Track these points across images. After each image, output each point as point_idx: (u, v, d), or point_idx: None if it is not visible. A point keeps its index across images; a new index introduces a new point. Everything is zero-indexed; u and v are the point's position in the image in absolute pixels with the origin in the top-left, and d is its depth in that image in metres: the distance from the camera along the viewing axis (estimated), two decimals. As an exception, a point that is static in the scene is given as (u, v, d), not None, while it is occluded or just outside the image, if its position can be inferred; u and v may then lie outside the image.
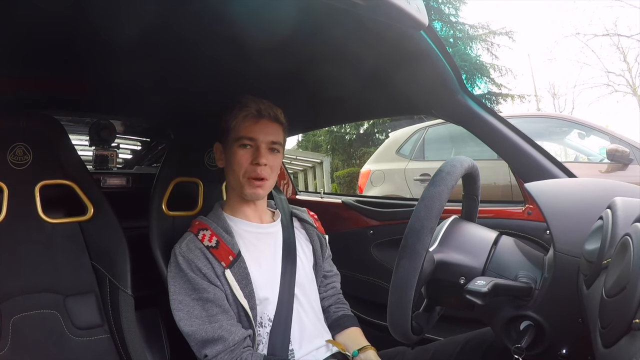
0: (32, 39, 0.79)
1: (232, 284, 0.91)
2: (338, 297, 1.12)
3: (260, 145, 0.96)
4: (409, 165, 4.01)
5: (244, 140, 0.96)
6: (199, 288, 0.90)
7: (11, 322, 0.93)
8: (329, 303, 1.10)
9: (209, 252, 0.93)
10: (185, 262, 0.92)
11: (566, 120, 3.82)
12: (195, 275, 0.90)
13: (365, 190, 4.24)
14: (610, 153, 2.99)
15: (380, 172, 4.21)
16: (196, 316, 0.88)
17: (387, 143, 4.55)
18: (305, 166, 9.25)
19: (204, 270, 0.91)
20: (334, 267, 1.16)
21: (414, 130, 4.19)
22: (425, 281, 0.70)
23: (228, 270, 0.91)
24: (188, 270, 0.91)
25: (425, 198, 0.64)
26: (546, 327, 0.64)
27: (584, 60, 15.71)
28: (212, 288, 0.90)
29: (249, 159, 0.96)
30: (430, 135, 4.07)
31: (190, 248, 0.93)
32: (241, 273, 0.93)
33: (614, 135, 3.26)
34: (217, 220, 0.99)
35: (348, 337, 1.03)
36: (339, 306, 1.10)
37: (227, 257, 0.93)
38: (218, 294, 0.90)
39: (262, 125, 0.97)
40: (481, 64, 10.29)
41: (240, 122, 0.97)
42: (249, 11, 0.71)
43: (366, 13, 0.67)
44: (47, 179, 1.03)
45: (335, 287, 1.13)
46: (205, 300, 0.89)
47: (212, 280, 0.91)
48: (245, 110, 0.97)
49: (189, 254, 0.92)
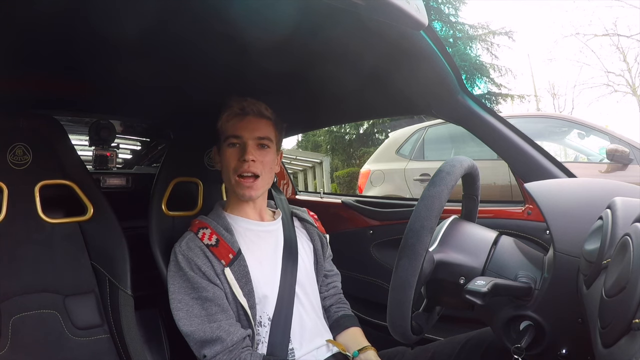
0: (32, 39, 0.79)
1: (231, 283, 0.91)
2: (339, 297, 1.13)
3: (246, 142, 0.97)
4: (409, 165, 4.02)
5: (231, 139, 0.97)
6: (198, 287, 0.90)
7: (11, 322, 0.93)
8: (330, 303, 1.10)
9: (209, 250, 0.93)
10: (185, 260, 0.92)
11: (566, 120, 3.83)
12: (194, 274, 0.90)
13: (365, 190, 4.24)
14: (609, 153, 2.99)
15: (380, 172, 4.22)
16: (195, 315, 0.88)
17: (387, 143, 4.56)
18: (305, 166, 9.25)
19: (204, 269, 0.90)
20: (334, 266, 1.16)
21: (414, 130, 4.20)
22: (425, 281, 0.70)
23: (227, 268, 0.91)
24: (187, 269, 0.91)
25: (425, 198, 0.64)
26: (546, 327, 0.64)
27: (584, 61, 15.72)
28: (211, 287, 0.90)
29: (236, 157, 0.96)
30: (430, 135, 4.08)
31: (190, 247, 0.93)
32: (241, 271, 0.92)
33: (614, 135, 3.26)
34: (217, 219, 0.99)
35: (349, 337, 1.03)
36: (340, 306, 1.10)
37: (227, 255, 0.93)
38: (217, 292, 0.90)
39: (247, 122, 0.97)
40: (481, 64, 10.29)
41: (225, 122, 0.99)
42: (249, 11, 0.71)
43: (366, 13, 0.67)
44: (47, 179, 1.03)
45: (336, 287, 1.13)
46: (204, 299, 0.89)
47: (211, 279, 0.90)
48: (229, 110, 0.98)
49: (189, 252, 0.92)
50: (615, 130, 3.39)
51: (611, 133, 3.33)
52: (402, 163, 4.08)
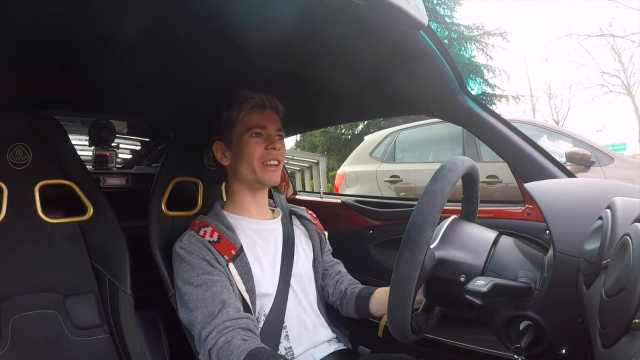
0: (32, 39, 0.79)
1: (235, 278, 0.91)
2: (348, 278, 1.12)
3: (270, 132, 1.00)
4: (381, 167, 4.16)
5: (255, 129, 0.98)
6: (202, 272, 0.88)
7: (11, 322, 0.93)
8: (344, 287, 1.09)
9: (212, 245, 0.92)
10: (187, 252, 0.91)
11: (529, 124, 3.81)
12: (198, 261, 0.90)
13: (341, 190, 4.35)
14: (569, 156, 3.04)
15: (354, 174, 4.33)
16: (198, 300, 0.86)
17: (362, 146, 4.69)
18: (302, 166, 9.24)
19: (207, 257, 0.90)
20: (334, 258, 1.16)
21: (387, 133, 4.35)
22: (426, 278, 0.70)
23: (231, 263, 0.92)
24: (190, 257, 0.90)
25: (427, 193, 0.64)
26: (546, 327, 0.64)
27: (579, 61, 15.78)
28: (216, 272, 0.89)
29: (262, 146, 0.98)
30: (401, 138, 4.24)
31: (191, 241, 0.93)
32: (244, 267, 0.93)
33: (577, 138, 3.35)
34: (217, 218, 0.99)
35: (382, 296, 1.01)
36: (353, 285, 1.10)
37: (230, 251, 0.93)
38: (222, 276, 0.89)
39: (268, 115, 1.00)
40: (474, 65, 10.28)
41: (247, 113, 0.99)
42: (248, 11, 0.71)
43: (366, 13, 0.67)
44: (47, 179, 1.03)
45: (341, 271, 1.13)
46: (209, 282, 0.87)
47: (215, 265, 0.90)
48: (252, 102, 0.99)
49: (191, 246, 0.92)
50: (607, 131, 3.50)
51: (574, 136, 3.43)
52: (375, 165, 4.22)
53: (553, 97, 14.78)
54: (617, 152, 3.89)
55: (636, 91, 12.64)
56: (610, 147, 4.30)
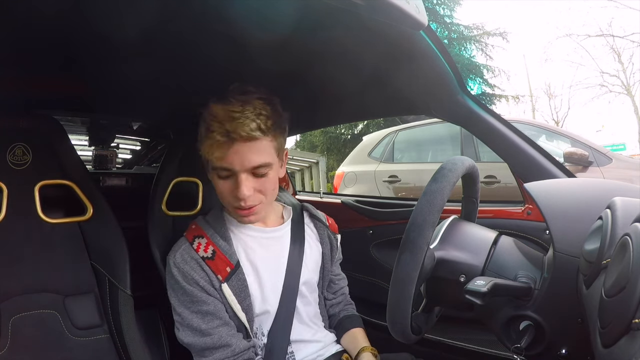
0: (32, 39, 0.79)
1: (229, 299, 0.86)
2: (345, 299, 1.11)
3: (238, 174, 0.81)
4: (379, 168, 4.20)
5: (219, 171, 0.83)
6: (197, 300, 0.85)
7: (10, 322, 0.93)
8: (339, 309, 1.08)
9: (205, 263, 0.87)
10: (180, 274, 0.86)
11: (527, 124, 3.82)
12: (192, 288, 0.86)
13: (339, 190, 4.38)
14: (567, 156, 3.05)
15: (352, 174, 4.37)
16: (196, 328, 0.85)
17: (360, 146, 4.73)
18: (302, 166, 9.24)
19: (201, 283, 0.86)
20: (341, 271, 1.12)
21: (386, 133, 4.38)
22: (426, 278, 0.70)
23: (225, 284, 0.86)
24: (184, 283, 0.86)
25: (427, 193, 0.64)
26: (546, 327, 0.64)
27: (579, 61, 15.81)
28: (211, 300, 0.86)
29: (229, 190, 0.83)
30: (399, 139, 4.28)
31: (184, 259, 0.87)
32: (239, 286, 0.87)
33: (575, 138, 3.35)
34: (215, 225, 0.92)
35: (349, 339, 1.01)
36: (345, 308, 1.09)
37: (224, 268, 0.87)
38: (218, 305, 0.86)
39: (236, 150, 0.79)
40: (474, 65, 10.29)
41: (208, 150, 0.82)
42: (248, 11, 0.71)
43: (366, 13, 0.67)
44: (47, 179, 1.03)
45: (345, 293, 1.11)
46: (205, 312, 0.85)
47: (209, 292, 0.86)
48: (211, 138, 0.80)
49: (184, 265, 0.87)
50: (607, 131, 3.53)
51: (572, 136, 3.45)
52: (373, 165, 4.26)
53: (553, 97, 14.82)
54: (615, 152, 3.92)
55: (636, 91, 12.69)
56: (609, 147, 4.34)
